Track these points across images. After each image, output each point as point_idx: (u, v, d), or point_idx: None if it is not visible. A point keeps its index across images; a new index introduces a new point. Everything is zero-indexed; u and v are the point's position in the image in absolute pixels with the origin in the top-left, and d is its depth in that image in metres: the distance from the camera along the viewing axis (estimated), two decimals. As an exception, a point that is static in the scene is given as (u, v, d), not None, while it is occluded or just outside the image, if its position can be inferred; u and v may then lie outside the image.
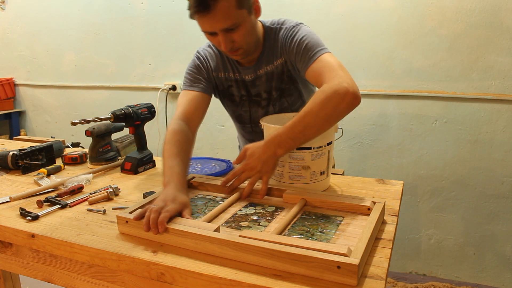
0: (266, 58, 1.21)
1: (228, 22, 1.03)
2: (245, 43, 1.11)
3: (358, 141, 2.26)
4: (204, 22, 1.04)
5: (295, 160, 1.06)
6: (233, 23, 1.04)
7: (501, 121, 1.99)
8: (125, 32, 2.70)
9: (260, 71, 1.23)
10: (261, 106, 1.30)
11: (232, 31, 1.06)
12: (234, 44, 1.09)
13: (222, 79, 1.29)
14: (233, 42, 1.09)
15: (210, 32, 1.07)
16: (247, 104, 1.31)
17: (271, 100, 1.28)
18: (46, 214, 0.99)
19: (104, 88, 2.86)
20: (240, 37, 1.08)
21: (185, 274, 0.74)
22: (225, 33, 1.06)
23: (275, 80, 1.24)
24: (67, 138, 2.16)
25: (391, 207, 0.99)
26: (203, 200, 1.04)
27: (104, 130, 1.41)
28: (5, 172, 1.35)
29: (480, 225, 2.12)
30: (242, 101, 1.32)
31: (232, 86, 1.30)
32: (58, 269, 0.91)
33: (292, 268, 0.71)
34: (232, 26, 1.04)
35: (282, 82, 1.24)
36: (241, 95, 1.30)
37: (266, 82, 1.25)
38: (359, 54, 2.16)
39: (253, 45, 1.15)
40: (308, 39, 1.12)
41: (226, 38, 1.07)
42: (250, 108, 1.32)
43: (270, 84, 1.25)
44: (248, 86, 1.28)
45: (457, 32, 1.97)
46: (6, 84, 3.07)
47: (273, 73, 1.23)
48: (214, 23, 1.03)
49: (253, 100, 1.30)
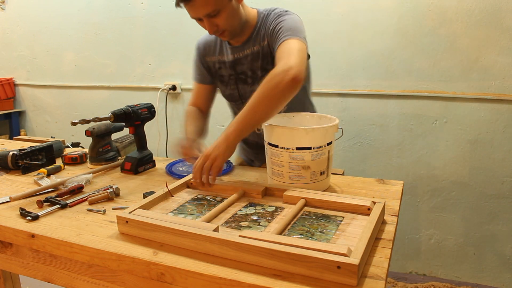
0: (253, 40, 1.30)
1: (209, 8, 1.14)
2: (229, 26, 1.22)
3: (358, 141, 2.26)
4: (189, 10, 1.17)
5: (295, 160, 1.06)
6: (214, 9, 1.15)
7: (501, 121, 1.99)
8: (125, 32, 2.70)
9: (247, 51, 1.32)
10: (247, 83, 1.37)
11: (215, 17, 1.17)
12: (218, 27, 1.20)
13: (214, 62, 1.41)
14: (217, 26, 1.20)
15: (196, 18, 1.19)
16: (234, 82, 1.39)
17: (256, 79, 1.34)
18: (46, 214, 0.99)
19: (104, 88, 2.86)
20: (222, 20, 1.18)
21: (185, 274, 0.74)
22: (208, 19, 1.17)
23: (261, 60, 1.31)
24: (67, 138, 2.16)
25: (391, 207, 0.99)
26: (203, 200, 1.04)
27: (104, 130, 1.42)
28: (5, 172, 1.35)
29: (480, 225, 2.12)
30: (230, 80, 1.40)
31: (221, 67, 1.40)
32: (58, 269, 0.91)
33: (292, 268, 0.71)
34: (213, 12, 1.15)
35: (267, 63, 1.30)
36: (229, 74, 1.39)
37: (251, 61, 1.32)
38: (359, 54, 2.16)
39: (237, 27, 1.25)
40: (284, 23, 1.21)
41: (210, 22, 1.18)
42: (237, 85, 1.39)
43: (255, 63, 1.32)
44: (234, 65, 1.36)
45: (457, 32, 1.97)
46: (6, 84, 3.07)
47: (259, 53, 1.30)
48: (196, 10, 1.15)
49: (239, 78, 1.38)
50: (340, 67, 2.21)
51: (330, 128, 1.07)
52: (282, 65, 1.06)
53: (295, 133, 1.05)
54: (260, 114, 1.05)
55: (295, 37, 1.16)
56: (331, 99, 2.27)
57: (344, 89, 2.23)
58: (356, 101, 2.23)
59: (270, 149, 1.10)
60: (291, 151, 1.05)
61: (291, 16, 1.23)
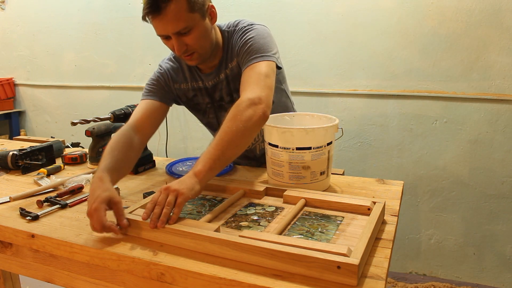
0: (225, 62, 1.22)
1: (180, 25, 1.04)
2: (199, 47, 1.11)
3: (358, 141, 2.26)
4: (157, 25, 1.05)
5: (295, 160, 1.06)
6: (185, 26, 1.04)
7: (501, 121, 1.99)
8: (125, 32, 2.70)
9: (221, 75, 1.24)
10: (226, 110, 1.27)
11: (185, 35, 1.07)
12: (187, 47, 1.09)
13: (184, 90, 1.30)
14: (187, 45, 1.09)
15: (164, 35, 1.08)
16: (213, 111, 1.32)
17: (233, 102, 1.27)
18: (46, 214, 0.99)
19: (104, 88, 2.86)
20: (193, 40, 1.08)
21: (185, 274, 0.74)
22: (177, 37, 1.06)
23: (232, 82, 1.24)
24: (67, 138, 2.16)
25: (391, 207, 0.99)
26: (203, 200, 1.04)
27: (104, 130, 1.41)
28: (5, 172, 1.35)
29: (480, 225, 2.12)
30: (208, 109, 1.32)
31: (196, 95, 1.30)
32: (58, 269, 0.91)
33: (292, 268, 0.71)
34: (184, 30, 1.05)
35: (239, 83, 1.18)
36: (206, 103, 1.31)
37: (227, 85, 1.25)
38: (359, 54, 2.16)
39: (208, 49, 1.15)
40: (254, 42, 1.13)
41: (179, 41, 1.07)
42: (216, 114, 1.32)
43: (230, 87, 1.25)
44: (211, 93, 1.28)
45: (457, 32, 1.97)
46: (6, 84, 3.07)
47: (230, 76, 1.23)
48: (165, 25, 1.04)
49: (217, 105, 1.30)
50: (340, 67, 2.21)
51: (330, 128, 1.07)
52: (250, 97, 1.00)
53: (295, 133, 1.05)
54: (232, 150, 0.96)
55: (263, 59, 1.10)
56: (331, 99, 2.27)
57: (344, 89, 2.23)
58: (356, 101, 2.23)
59: (270, 149, 1.10)
60: (291, 151, 1.05)
61: (257, 30, 1.15)
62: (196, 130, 2.61)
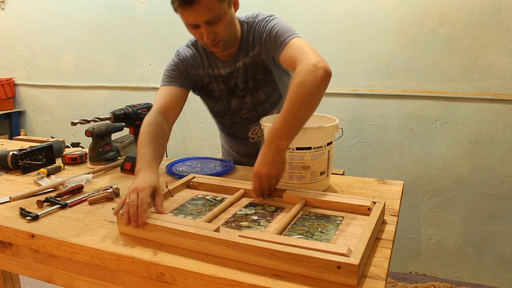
0: (243, 51, 1.26)
1: (211, 14, 1.09)
2: (226, 35, 1.16)
3: (358, 141, 2.26)
4: (188, 15, 1.10)
5: (295, 160, 1.06)
6: (215, 15, 1.09)
7: (501, 121, 1.99)
8: (125, 32, 2.70)
9: (238, 63, 1.28)
10: (238, 96, 1.33)
11: (214, 24, 1.11)
12: (215, 35, 1.14)
13: (201, 76, 1.33)
14: (215, 34, 1.13)
15: (193, 24, 1.12)
16: (226, 98, 1.35)
17: (247, 91, 1.31)
18: (46, 214, 0.99)
19: (104, 88, 2.86)
20: (222, 28, 1.13)
21: (185, 274, 0.74)
22: (207, 26, 1.11)
23: (251, 70, 1.28)
24: (67, 138, 2.16)
25: (391, 207, 0.99)
26: (203, 200, 1.04)
27: (104, 130, 1.41)
28: (5, 172, 1.35)
29: (480, 225, 2.12)
30: (221, 96, 1.35)
31: (211, 82, 1.33)
32: (58, 269, 0.91)
33: (292, 268, 0.71)
34: (214, 19, 1.10)
35: (257, 73, 1.28)
36: (221, 90, 1.34)
37: (244, 73, 1.29)
38: (359, 54, 2.16)
39: (233, 37, 1.21)
40: (279, 26, 1.18)
41: (209, 30, 1.12)
42: (229, 100, 1.35)
43: (247, 75, 1.29)
44: (226, 80, 1.31)
45: (457, 32, 1.97)
46: (6, 84, 3.07)
47: (250, 64, 1.27)
48: (197, 15, 1.08)
49: (231, 92, 1.33)
50: (340, 67, 2.21)
51: (330, 128, 1.07)
52: (306, 64, 1.03)
53: (295, 133, 1.04)
54: (303, 115, 1.00)
55: (295, 36, 1.15)
56: (331, 99, 2.27)
57: (344, 89, 2.23)
58: (356, 101, 2.23)
59: (270, 149, 1.10)
60: (291, 151, 1.05)
61: (278, 19, 1.21)
62: (196, 130, 2.61)
